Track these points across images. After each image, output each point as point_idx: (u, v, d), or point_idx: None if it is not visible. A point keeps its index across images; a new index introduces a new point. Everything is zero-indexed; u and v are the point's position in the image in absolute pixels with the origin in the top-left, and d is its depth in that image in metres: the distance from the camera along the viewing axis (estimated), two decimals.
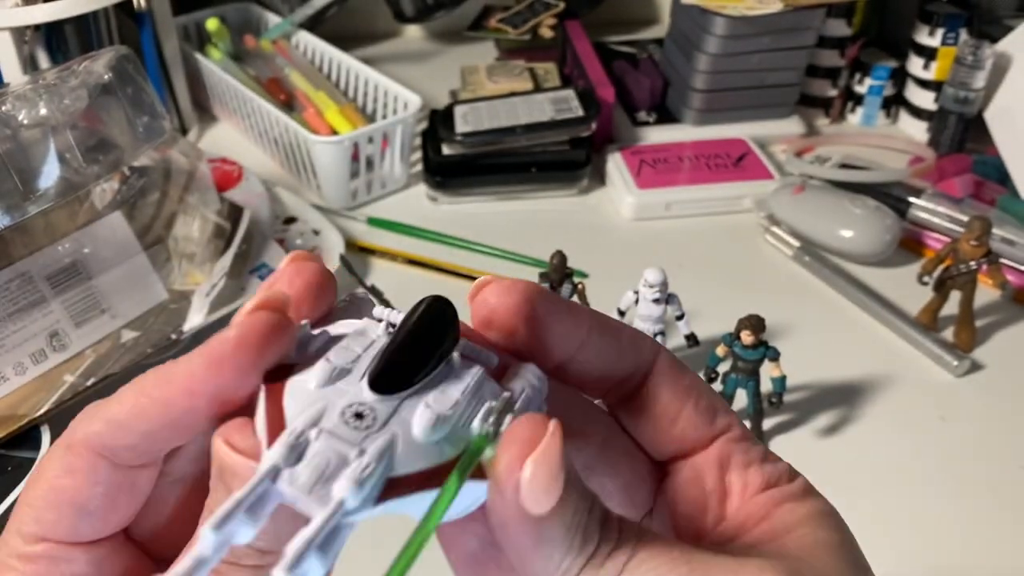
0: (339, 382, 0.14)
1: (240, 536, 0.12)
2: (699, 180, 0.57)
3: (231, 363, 0.14)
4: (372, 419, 0.13)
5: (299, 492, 0.12)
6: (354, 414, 0.13)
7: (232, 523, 0.12)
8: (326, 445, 0.13)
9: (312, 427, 0.13)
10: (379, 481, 0.13)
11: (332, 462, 0.13)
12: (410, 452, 0.13)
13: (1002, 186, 0.55)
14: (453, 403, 0.14)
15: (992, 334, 0.47)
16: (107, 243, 0.41)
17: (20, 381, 0.38)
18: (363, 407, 0.14)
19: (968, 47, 0.56)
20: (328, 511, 0.12)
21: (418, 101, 0.57)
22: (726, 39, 0.59)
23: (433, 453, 0.13)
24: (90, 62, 0.43)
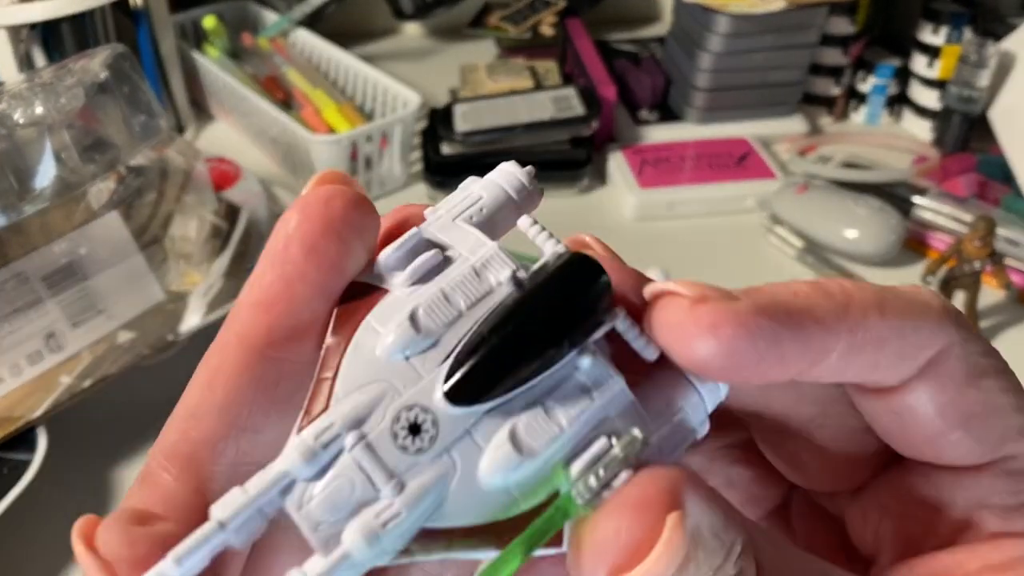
0: (416, 357, 0.10)
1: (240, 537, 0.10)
2: (701, 179, 0.56)
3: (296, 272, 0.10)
4: (430, 439, 0.10)
5: (304, 524, 0.10)
6: (409, 424, 0.10)
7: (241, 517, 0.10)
8: (356, 465, 0.10)
9: (352, 428, 0.10)
10: (405, 534, 0.10)
11: (355, 493, 0.10)
12: (464, 498, 0.10)
13: (1007, 186, 0.55)
14: (553, 434, 0.10)
15: (996, 335, 0.47)
16: (103, 243, 0.40)
17: (16, 382, 0.38)
18: (425, 417, 0.10)
19: (972, 46, 0.56)
20: (330, 562, 0.10)
21: (417, 100, 0.57)
22: (728, 37, 0.58)
23: (497, 503, 0.10)
24: (86, 61, 0.43)
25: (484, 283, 0.11)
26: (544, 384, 0.10)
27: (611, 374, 0.11)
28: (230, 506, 0.10)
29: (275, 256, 0.11)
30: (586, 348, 0.11)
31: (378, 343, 0.10)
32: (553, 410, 0.10)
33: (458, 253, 0.11)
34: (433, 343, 0.10)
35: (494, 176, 0.13)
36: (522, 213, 0.12)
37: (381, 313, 0.11)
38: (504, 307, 0.11)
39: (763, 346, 0.11)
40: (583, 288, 0.10)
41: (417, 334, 0.10)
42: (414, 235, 0.11)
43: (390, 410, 0.10)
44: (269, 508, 0.10)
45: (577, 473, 0.10)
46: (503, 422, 0.10)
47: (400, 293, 0.11)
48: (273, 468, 0.10)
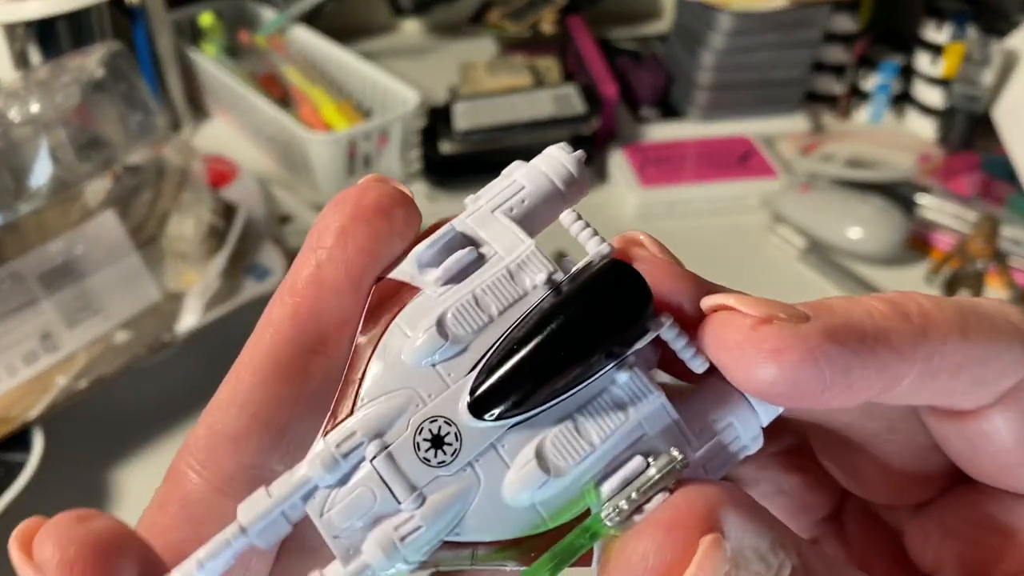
0: (443, 364, 0.10)
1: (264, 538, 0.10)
2: (703, 178, 0.56)
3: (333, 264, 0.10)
4: (453, 452, 0.10)
5: (325, 531, 0.10)
6: (432, 437, 0.10)
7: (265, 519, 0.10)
8: (377, 476, 0.10)
9: (375, 437, 0.10)
10: (425, 547, 0.10)
11: (376, 505, 0.10)
12: (488, 513, 0.10)
13: (1011, 185, 0.54)
14: (583, 453, 0.10)
15: None
16: (100, 242, 0.40)
17: (12, 383, 0.38)
18: (448, 429, 0.10)
19: (976, 43, 0.55)
20: (349, 570, 0.10)
21: (416, 98, 0.57)
22: (730, 35, 0.58)
23: (522, 520, 0.10)
24: (82, 59, 0.42)
25: (518, 286, 0.10)
26: (576, 398, 0.10)
27: (651, 389, 0.10)
28: (252, 510, 0.10)
29: (307, 245, 0.11)
30: (624, 361, 0.10)
31: (405, 347, 0.10)
32: (585, 426, 0.10)
33: (493, 251, 0.11)
34: (462, 350, 0.10)
35: (540, 163, 0.12)
36: (568, 204, 0.12)
37: (411, 314, 0.10)
38: (535, 316, 0.10)
39: (830, 375, 0.10)
40: (620, 298, 0.10)
41: (444, 341, 0.10)
42: (448, 230, 0.11)
43: (413, 420, 0.10)
44: (292, 512, 0.10)
45: (608, 494, 0.10)
46: (531, 437, 0.10)
47: (431, 292, 0.11)
48: (296, 473, 0.10)
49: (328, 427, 0.10)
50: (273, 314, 0.11)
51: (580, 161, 0.12)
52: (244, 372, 0.11)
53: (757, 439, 0.11)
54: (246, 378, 0.11)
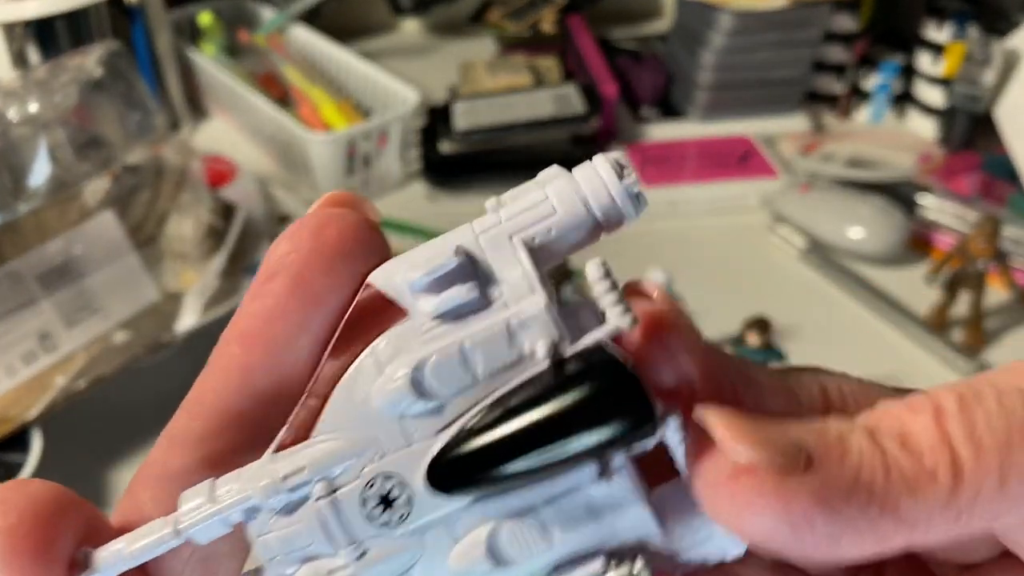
0: (411, 419, 0.09)
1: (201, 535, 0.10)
2: (703, 178, 0.56)
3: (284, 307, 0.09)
4: (400, 517, 0.09)
5: (260, 551, 0.10)
6: (382, 496, 0.09)
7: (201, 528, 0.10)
8: (319, 519, 0.09)
9: (323, 478, 0.09)
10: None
11: (312, 544, 0.09)
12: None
13: (1012, 185, 0.54)
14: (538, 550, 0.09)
15: (1001, 335, 0.47)
16: (98, 242, 0.40)
17: (10, 383, 0.38)
18: (401, 492, 0.09)
19: (977, 43, 0.55)
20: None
21: (416, 97, 0.57)
22: (731, 34, 0.58)
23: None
24: (81, 58, 0.42)
25: (515, 347, 0.09)
26: (547, 491, 0.09)
27: (634, 499, 0.09)
28: (192, 515, 0.10)
29: (259, 287, 0.10)
30: (610, 464, 0.09)
31: (375, 388, 0.09)
32: (549, 523, 0.09)
33: (498, 293, 0.09)
34: (434, 408, 0.09)
35: (582, 180, 0.10)
36: (602, 232, 0.10)
37: (390, 347, 0.09)
38: (522, 396, 0.09)
39: (812, 540, 0.09)
40: (620, 411, 0.09)
41: (417, 397, 0.09)
42: (452, 258, 0.09)
43: (367, 471, 0.09)
44: (232, 520, 0.10)
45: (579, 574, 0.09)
46: (487, 519, 0.09)
47: (419, 323, 0.09)
48: (241, 491, 0.10)
49: (284, 439, 0.10)
50: (221, 361, 0.11)
51: (630, 189, 0.10)
52: (195, 415, 0.11)
53: (740, 548, 0.10)
54: (197, 423, 0.11)
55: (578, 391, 0.09)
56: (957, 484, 0.09)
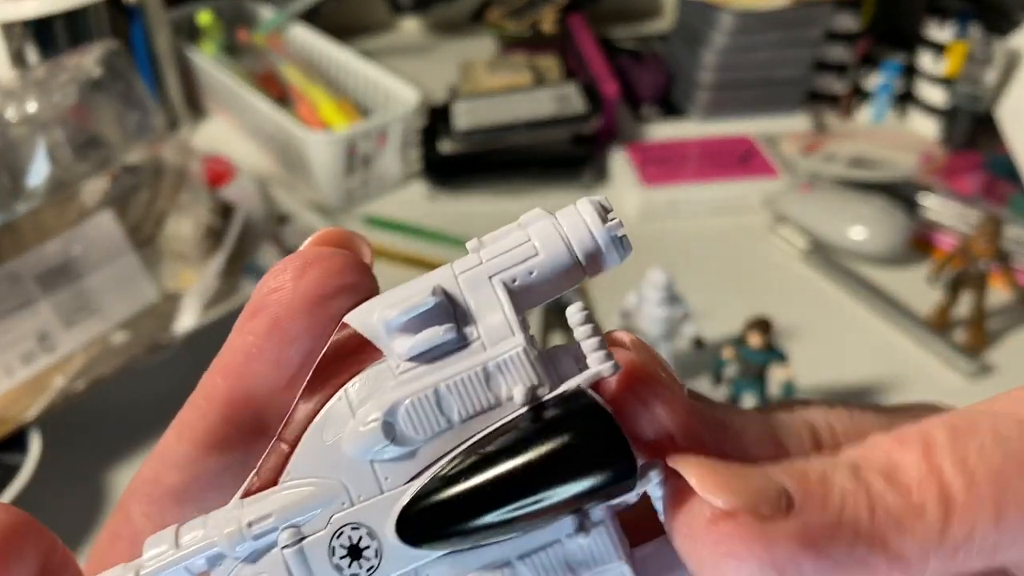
0: (382, 464, 0.09)
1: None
2: (704, 177, 0.56)
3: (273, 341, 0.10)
4: (370, 569, 0.09)
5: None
6: (350, 546, 0.09)
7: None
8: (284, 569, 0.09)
9: (290, 526, 0.09)
10: None
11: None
12: None
13: (1014, 184, 0.54)
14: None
15: (1003, 335, 0.47)
16: (97, 242, 0.40)
17: (9, 384, 0.37)
18: (370, 543, 0.09)
19: (979, 42, 0.55)
20: None
21: (416, 97, 0.56)
22: (732, 34, 0.58)
23: None
24: (80, 58, 0.42)
25: (492, 392, 0.09)
26: (522, 544, 0.09)
27: (614, 556, 0.09)
28: (155, 561, 0.10)
29: (243, 323, 0.10)
30: (589, 517, 0.09)
31: (346, 432, 0.09)
32: (524, 569, 0.09)
33: (475, 335, 0.09)
34: (407, 453, 0.09)
35: (564, 224, 0.10)
36: (584, 276, 0.10)
37: (363, 389, 0.09)
38: (498, 444, 0.08)
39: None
40: (600, 464, 0.08)
41: (389, 441, 0.09)
42: (430, 300, 0.09)
43: (335, 519, 0.09)
44: (196, 568, 0.10)
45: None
46: (459, 573, 0.09)
47: (394, 364, 0.09)
48: (207, 538, 0.10)
49: (250, 486, 0.10)
50: (209, 389, 0.11)
51: (614, 232, 0.10)
52: (185, 437, 0.11)
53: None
54: (186, 444, 0.11)
55: (557, 438, 0.08)
56: (948, 518, 0.09)
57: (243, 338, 0.10)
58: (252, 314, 0.10)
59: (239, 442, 0.11)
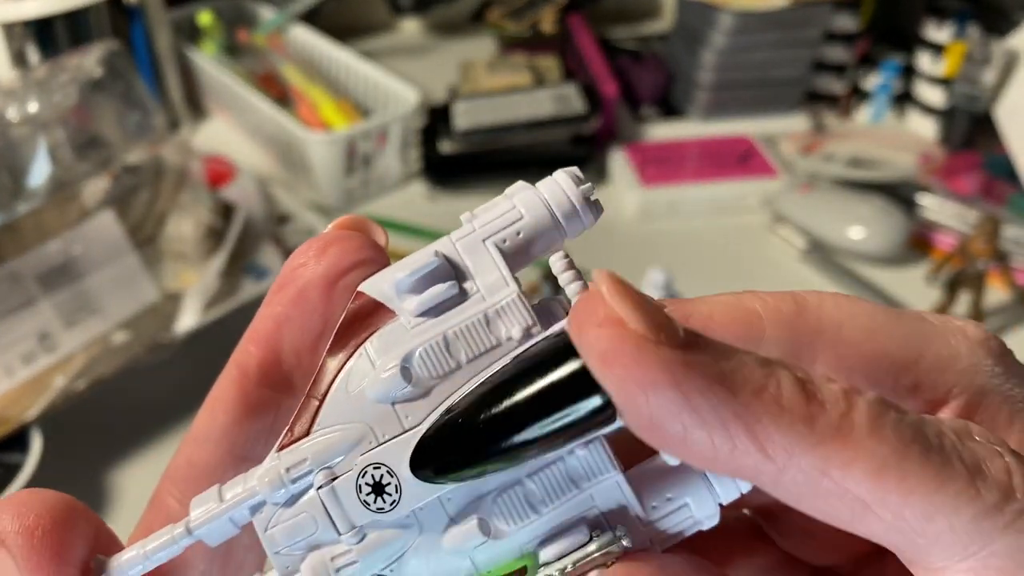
0: (401, 404, 0.10)
1: (212, 538, 0.11)
2: (704, 178, 0.56)
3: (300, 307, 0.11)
4: (393, 503, 0.10)
5: (267, 545, 0.10)
6: (374, 483, 0.10)
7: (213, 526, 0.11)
8: (320, 507, 0.10)
9: (323, 467, 0.10)
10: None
11: (316, 532, 0.10)
12: (424, 560, 0.10)
13: (1012, 184, 0.54)
14: (526, 520, 0.10)
15: (1002, 335, 0.46)
16: (98, 242, 0.40)
17: (10, 383, 0.37)
18: (391, 480, 0.10)
19: (977, 43, 0.55)
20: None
21: (416, 97, 0.56)
22: (731, 34, 0.58)
23: (457, 571, 0.10)
24: (81, 58, 0.42)
25: (493, 334, 0.10)
26: (529, 464, 0.10)
27: (608, 467, 0.10)
28: (202, 514, 0.11)
29: (272, 295, 0.12)
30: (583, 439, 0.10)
31: (368, 380, 0.10)
32: (533, 493, 0.10)
33: (475, 288, 0.10)
34: (423, 392, 0.10)
35: (544, 190, 0.11)
36: (566, 237, 0.11)
37: (381, 343, 0.10)
38: (496, 380, 0.10)
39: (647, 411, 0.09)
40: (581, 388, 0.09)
41: (407, 383, 0.10)
42: (432, 260, 0.11)
43: (360, 460, 0.10)
44: (239, 518, 0.11)
45: (545, 559, 0.10)
46: (476, 494, 0.10)
47: (405, 321, 0.10)
48: (248, 488, 0.10)
49: (285, 440, 0.10)
50: (241, 358, 0.12)
51: (586, 194, 0.11)
52: (218, 410, 0.12)
53: (713, 517, 0.10)
54: (220, 416, 0.12)
55: (546, 371, 0.09)
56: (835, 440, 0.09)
57: (272, 308, 0.12)
58: (280, 287, 0.12)
59: (271, 404, 0.12)
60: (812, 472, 0.09)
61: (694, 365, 0.09)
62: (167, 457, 0.12)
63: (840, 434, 0.09)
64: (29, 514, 0.10)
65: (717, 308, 0.11)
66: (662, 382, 0.08)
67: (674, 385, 0.08)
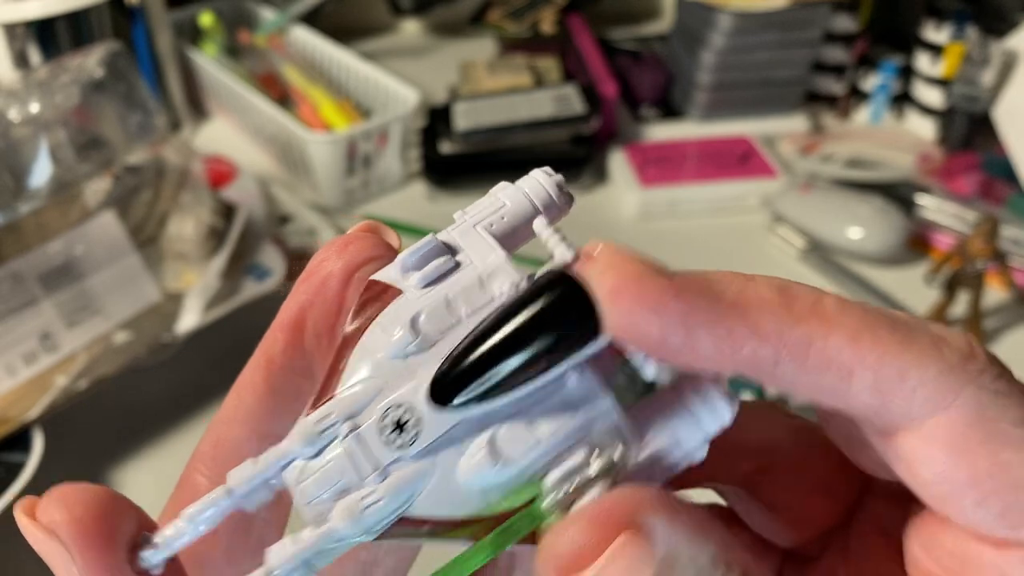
0: (413, 357, 0.11)
1: (248, 502, 0.12)
2: (703, 178, 0.56)
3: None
4: (414, 435, 0.11)
5: (299, 498, 0.11)
6: (395, 422, 0.11)
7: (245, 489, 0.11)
8: (347, 453, 0.11)
9: (347, 419, 0.11)
10: (384, 519, 0.11)
11: (343, 478, 0.11)
12: (443, 494, 0.11)
13: (1011, 185, 0.54)
14: (530, 445, 0.11)
15: (1000, 335, 0.47)
16: (99, 243, 0.40)
17: (11, 383, 0.38)
18: (409, 416, 0.11)
19: (976, 44, 0.55)
20: (317, 534, 0.11)
21: (416, 97, 0.57)
22: (730, 35, 0.58)
23: (473, 502, 0.11)
24: (82, 58, 0.42)
25: (487, 293, 0.12)
26: (529, 395, 0.11)
27: (599, 392, 0.11)
28: (239, 476, 0.11)
29: (297, 286, 0.13)
30: (574, 364, 0.11)
31: (381, 343, 0.11)
32: (536, 421, 0.11)
33: (469, 260, 0.12)
34: (430, 345, 0.11)
35: (523, 184, 0.13)
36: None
37: (390, 313, 0.12)
38: (490, 320, 0.11)
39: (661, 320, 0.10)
40: (562, 310, 0.11)
41: (416, 339, 0.11)
42: (430, 241, 0.12)
43: (380, 406, 0.11)
44: (275, 481, 0.12)
45: (551, 484, 0.11)
46: (485, 428, 0.11)
47: (411, 295, 0.12)
48: (280, 447, 0.12)
49: (310, 410, 0.12)
50: (267, 344, 0.13)
51: (560, 185, 0.13)
52: (245, 392, 0.13)
53: (702, 448, 0.11)
54: (247, 397, 0.13)
55: (530, 303, 0.11)
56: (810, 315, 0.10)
57: (297, 296, 0.13)
58: (305, 278, 0.13)
59: (293, 387, 0.13)
60: (799, 347, 0.10)
61: (687, 284, 0.10)
62: (169, 456, 0.13)
63: (816, 313, 0.10)
64: (77, 506, 0.11)
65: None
66: (667, 300, 0.10)
67: (677, 299, 0.10)
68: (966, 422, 0.10)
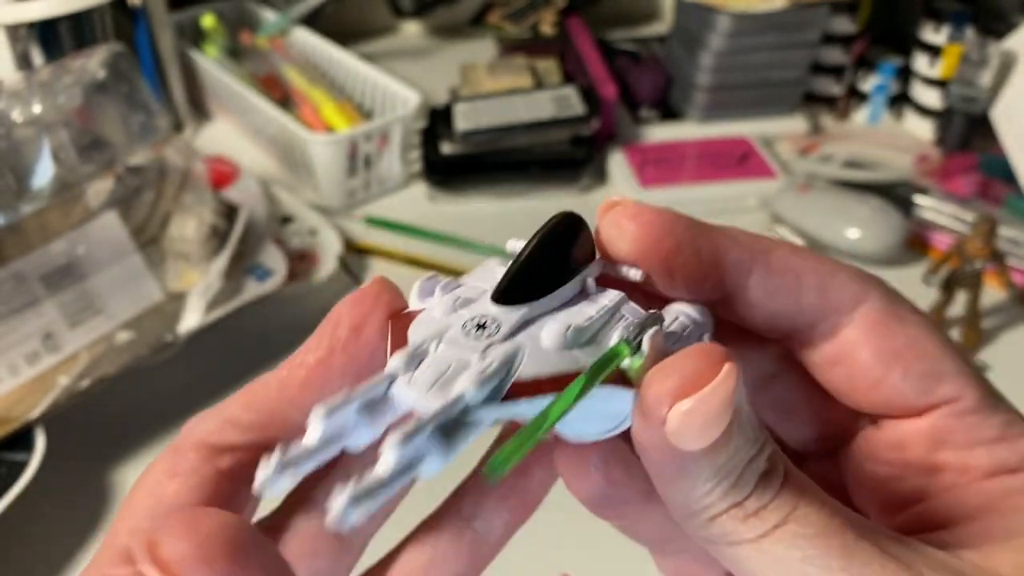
0: (464, 309, 0.14)
1: (354, 438, 0.12)
2: (702, 179, 0.56)
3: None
4: (496, 328, 0.13)
5: (417, 392, 0.12)
6: (476, 325, 0.13)
7: (342, 416, 0.12)
8: (447, 351, 0.13)
9: (433, 340, 0.13)
10: (503, 381, 0.12)
11: (453, 365, 0.12)
12: (539, 358, 0.13)
13: (1009, 185, 0.54)
14: (587, 317, 0.13)
15: (998, 335, 0.47)
16: (101, 243, 0.40)
17: (14, 383, 0.38)
18: (486, 318, 0.13)
19: (974, 45, 0.56)
20: (449, 400, 0.11)
21: (417, 98, 0.57)
22: (729, 36, 0.58)
23: (565, 361, 0.13)
24: (84, 60, 0.43)
25: (496, 273, 0.14)
26: (567, 297, 0.14)
27: (611, 291, 0.14)
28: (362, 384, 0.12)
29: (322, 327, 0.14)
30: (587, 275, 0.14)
31: (434, 309, 0.14)
32: (581, 307, 0.14)
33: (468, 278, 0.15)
34: (473, 299, 0.14)
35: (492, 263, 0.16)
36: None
37: (418, 324, 0.14)
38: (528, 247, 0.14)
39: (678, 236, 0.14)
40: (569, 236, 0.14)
41: (458, 299, 0.14)
42: (432, 273, 0.15)
43: (458, 324, 0.13)
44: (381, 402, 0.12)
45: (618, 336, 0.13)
46: (549, 315, 0.14)
47: (436, 300, 0.14)
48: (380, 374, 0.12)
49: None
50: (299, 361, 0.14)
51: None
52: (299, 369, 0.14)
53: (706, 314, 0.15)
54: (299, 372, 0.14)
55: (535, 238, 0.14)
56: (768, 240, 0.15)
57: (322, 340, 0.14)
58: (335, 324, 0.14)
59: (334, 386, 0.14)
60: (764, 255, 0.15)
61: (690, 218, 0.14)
62: None
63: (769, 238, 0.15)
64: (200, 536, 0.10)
65: None
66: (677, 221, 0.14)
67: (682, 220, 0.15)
68: (881, 308, 0.14)
